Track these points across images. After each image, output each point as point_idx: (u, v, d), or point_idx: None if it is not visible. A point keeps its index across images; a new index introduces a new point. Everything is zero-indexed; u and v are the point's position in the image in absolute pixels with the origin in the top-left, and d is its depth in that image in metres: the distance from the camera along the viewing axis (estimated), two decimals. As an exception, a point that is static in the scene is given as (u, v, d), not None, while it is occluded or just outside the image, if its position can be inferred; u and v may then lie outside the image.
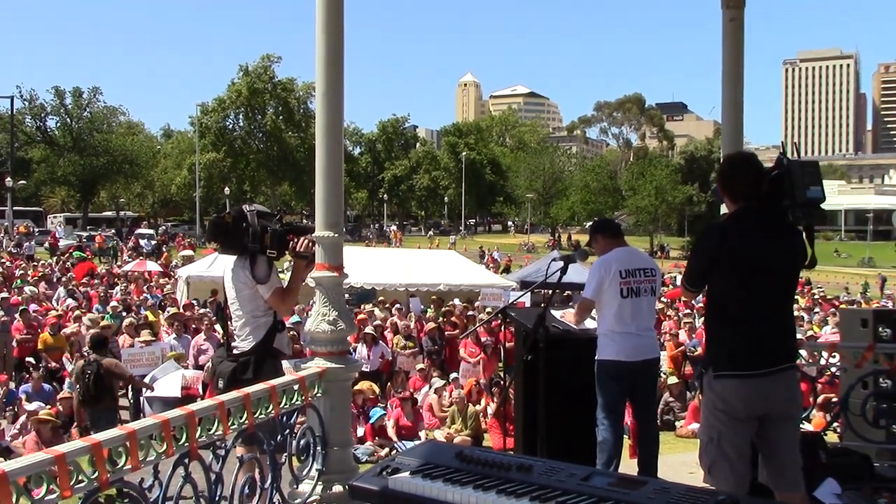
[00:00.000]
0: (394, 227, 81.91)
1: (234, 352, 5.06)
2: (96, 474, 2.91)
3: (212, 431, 3.63)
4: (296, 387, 4.40)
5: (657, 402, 6.06)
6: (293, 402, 4.37)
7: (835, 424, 7.04)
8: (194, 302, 20.35)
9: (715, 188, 4.20)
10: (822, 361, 9.93)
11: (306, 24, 5.16)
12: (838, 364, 7.33)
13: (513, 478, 2.22)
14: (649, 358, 5.64)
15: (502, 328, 16.54)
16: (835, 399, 10.13)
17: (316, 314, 4.87)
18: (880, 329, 7.70)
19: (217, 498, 3.67)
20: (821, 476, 5.46)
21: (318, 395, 4.67)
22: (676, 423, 13.64)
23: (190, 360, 13.63)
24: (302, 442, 4.53)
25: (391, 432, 11.83)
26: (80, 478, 2.86)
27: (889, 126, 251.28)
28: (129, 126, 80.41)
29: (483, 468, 2.28)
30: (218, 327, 11.96)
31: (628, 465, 5.83)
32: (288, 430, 4.40)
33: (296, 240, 5.09)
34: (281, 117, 77.35)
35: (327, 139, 4.86)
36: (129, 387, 13.73)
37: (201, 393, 11.84)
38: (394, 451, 11.25)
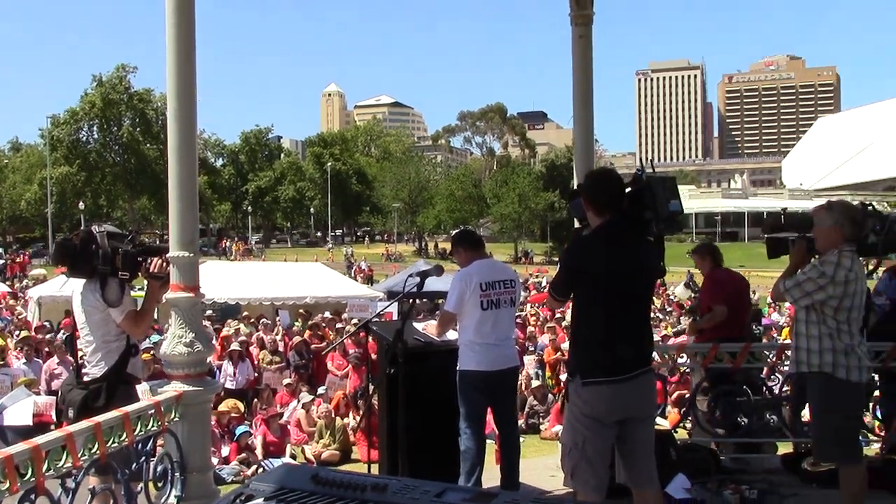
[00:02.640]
0: (235, 239, 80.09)
1: (85, 378, 4.86)
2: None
3: (60, 464, 3.48)
4: (151, 412, 4.27)
5: (517, 409, 6.21)
6: (149, 428, 4.24)
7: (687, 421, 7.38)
8: (46, 324, 19.41)
9: (573, 202, 4.33)
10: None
11: (163, 33, 4.90)
12: (688, 364, 7.71)
13: (367, 498, 2.23)
14: (509, 367, 5.77)
15: (368, 339, 16.59)
16: (687, 396, 10.65)
17: (172, 336, 4.74)
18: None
19: (68, 533, 3.53)
20: (671, 472, 5.74)
21: (176, 419, 4.55)
22: (541, 426, 13.99)
23: (42, 386, 12.97)
24: (159, 469, 4.40)
25: (258, 450, 11.61)
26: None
27: (734, 133, 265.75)
28: (-28, 139, 76.01)
29: (338, 490, 2.28)
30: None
31: (492, 471, 5.94)
32: (144, 458, 4.27)
33: (149, 260, 4.95)
34: (138, 129, 74.78)
35: (180, 154, 4.74)
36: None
37: (55, 420, 11.30)
38: (260, 470, 11.05)
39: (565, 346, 16.25)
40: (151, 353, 12.36)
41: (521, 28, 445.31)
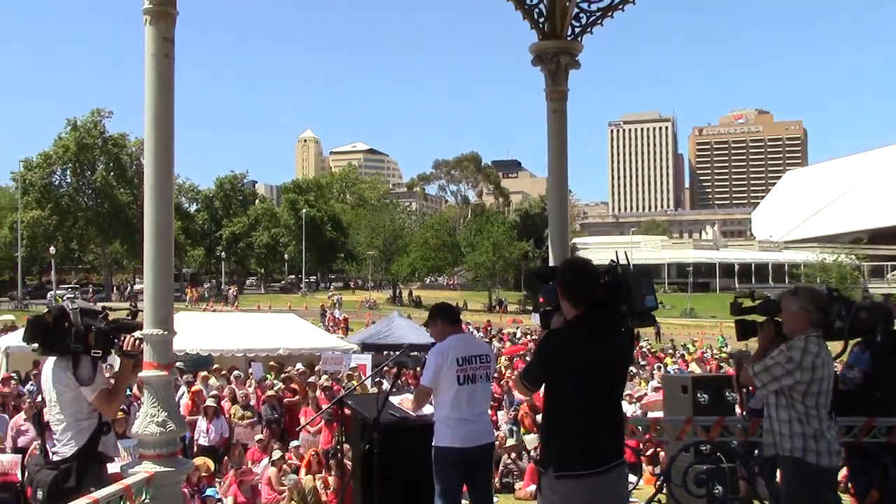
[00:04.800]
0: (204, 284, 78.61)
1: (54, 458, 4.77)
2: None
3: (28, 557, 3.41)
4: (121, 496, 4.21)
5: (492, 485, 6.19)
6: (119, 512, 4.18)
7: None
8: (14, 376, 19.02)
9: (547, 288, 4.34)
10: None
11: (138, 78, 4.87)
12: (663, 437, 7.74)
13: None
14: (484, 443, 5.76)
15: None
16: (662, 453, 10.63)
17: (144, 415, 4.69)
18: (699, 395, 8.21)
19: None
20: (646, 550, 5.72)
21: (146, 501, 4.48)
22: (515, 486, 13.88)
23: (8, 443, 12.69)
24: (129, 553, 4.32)
25: (227, 512, 11.45)
26: None
27: (704, 184, 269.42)
28: (-58, 182, 75.27)
29: None
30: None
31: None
32: (113, 543, 4.19)
33: (122, 338, 4.92)
34: (112, 173, 74.39)
35: (157, 236, 4.75)
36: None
37: (21, 479, 11.08)
38: (230, 533, 10.91)
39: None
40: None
41: (496, 79, 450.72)
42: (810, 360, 4.66)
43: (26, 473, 4.70)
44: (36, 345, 4.88)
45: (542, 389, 4.11)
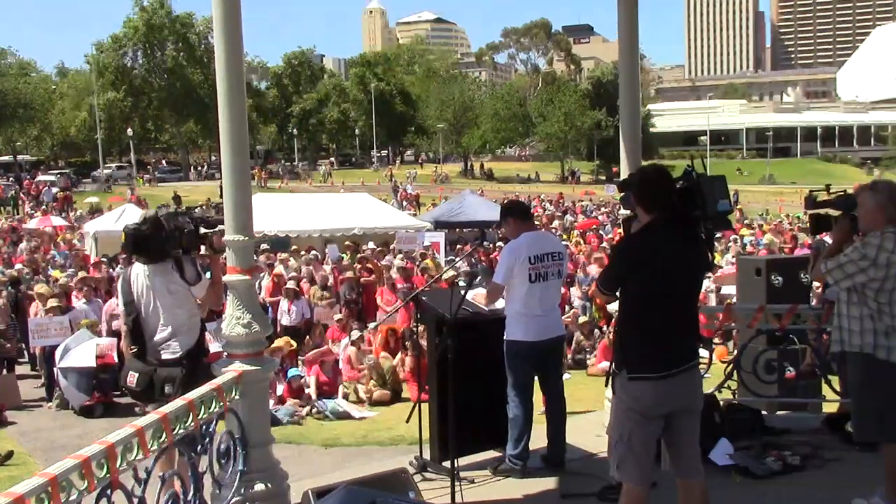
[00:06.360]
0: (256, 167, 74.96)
1: (172, 356, 5.09)
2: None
3: (132, 459, 3.69)
4: (214, 395, 4.46)
5: (562, 376, 6.36)
6: (211, 410, 4.44)
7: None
8: (104, 259, 19.85)
9: (624, 195, 4.40)
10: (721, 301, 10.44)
11: None
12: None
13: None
14: (555, 336, 5.92)
15: (415, 274, 16.79)
16: (734, 330, 10.61)
17: (230, 318, 4.89)
18: (773, 277, 8.16)
19: (141, 520, 3.75)
20: (715, 436, 5.86)
21: (236, 398, 4.74)
22: (587, 362, 14.17)
23: (103, 326, 13.37)
24: (222, 447, 4.60)
25: (312, 390, 11.98)
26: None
27: (787, 43, 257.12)
28: (20, 66, 76.71)
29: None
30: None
31: (539, 437, 6.09)
32: (208, 439, 4.48)
33: (210, 235, 5.19)
34: (182, 54, 74.84)
35: (232, 142, 4.81)
36: (40, 358, 13.51)
37: (117, 361, 11.73)
38: (314, 410, 11.44)
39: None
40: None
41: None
42: (885, 257, 4.57)
43: (130, 375, 5.02)
44: (137, 255, 5.15)
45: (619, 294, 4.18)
